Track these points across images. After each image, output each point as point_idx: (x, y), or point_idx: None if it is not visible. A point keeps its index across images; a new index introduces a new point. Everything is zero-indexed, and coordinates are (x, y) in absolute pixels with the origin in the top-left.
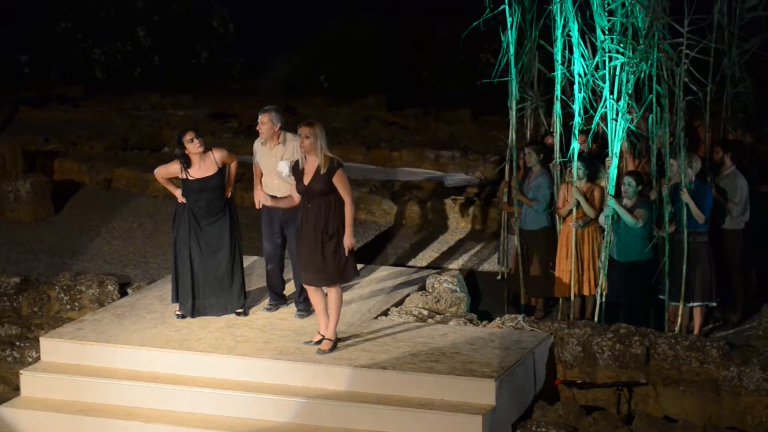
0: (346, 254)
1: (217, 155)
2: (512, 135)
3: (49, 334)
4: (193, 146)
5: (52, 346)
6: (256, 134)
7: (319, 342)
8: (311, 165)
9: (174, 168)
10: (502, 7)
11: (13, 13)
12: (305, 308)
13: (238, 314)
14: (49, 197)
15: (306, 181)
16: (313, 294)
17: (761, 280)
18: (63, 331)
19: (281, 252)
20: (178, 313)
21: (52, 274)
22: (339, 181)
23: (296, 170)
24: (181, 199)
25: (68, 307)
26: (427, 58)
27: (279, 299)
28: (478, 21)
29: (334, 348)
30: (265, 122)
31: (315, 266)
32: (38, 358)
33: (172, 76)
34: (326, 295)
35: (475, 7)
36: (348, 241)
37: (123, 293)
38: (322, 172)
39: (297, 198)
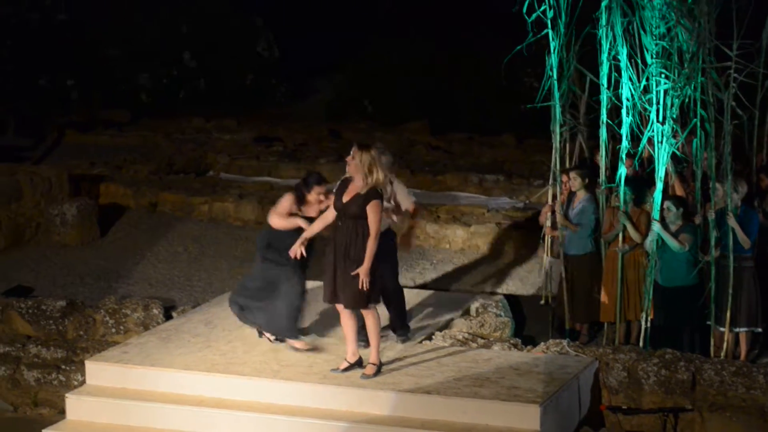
0: (365, 284)
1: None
2: (555, 159)
3: (95, 358)
4: (315, 198)
5: (97, 370)
6: (301, 157)
7: (345, 370)
8: (355, 186)
9: (287, 204)
10: (545, 31)
11: (60, 38)
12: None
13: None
14: (95, 221)
15: (345, 198)
16: (345, 318)
17: None
18: (108, 354)
19: None
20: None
21: (97, 298)
22: (371, 211)
23: (341, 187)
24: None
25: (113, 330)
26: (471, 82)
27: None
28: (521, 45)
29: (378, 372)
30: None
31: (332, 286)
32: (83, 382)
33: (217, 99)
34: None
35: (519, 30)
36: (363, 272)
37: (168, 317)
38: (361, 193)
39: (330, 217)
